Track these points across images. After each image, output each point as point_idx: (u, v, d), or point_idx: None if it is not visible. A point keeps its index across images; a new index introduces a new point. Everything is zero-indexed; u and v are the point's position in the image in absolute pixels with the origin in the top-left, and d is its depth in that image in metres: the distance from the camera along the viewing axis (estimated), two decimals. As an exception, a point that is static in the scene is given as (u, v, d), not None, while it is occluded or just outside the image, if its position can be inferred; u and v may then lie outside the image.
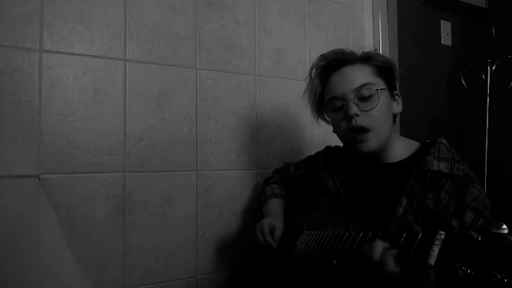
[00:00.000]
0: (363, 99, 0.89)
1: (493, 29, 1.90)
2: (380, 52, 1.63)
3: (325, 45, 1.56)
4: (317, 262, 0.88)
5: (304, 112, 1.51)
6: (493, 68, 1.81)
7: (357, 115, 0.88)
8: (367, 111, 0.88)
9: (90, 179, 1.15)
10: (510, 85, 1.79)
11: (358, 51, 0.96)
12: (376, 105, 0.88)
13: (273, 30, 1.47)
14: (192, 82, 1.31)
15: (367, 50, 0.97)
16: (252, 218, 1.35)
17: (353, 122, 0.88)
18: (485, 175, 1.78)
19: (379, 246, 0.67)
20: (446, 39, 1.88)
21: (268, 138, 1.44)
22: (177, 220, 1.27)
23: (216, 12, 1.35)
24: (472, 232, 0.51)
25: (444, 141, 0.90)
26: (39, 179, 1.07)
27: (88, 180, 1.14)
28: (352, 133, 0.89)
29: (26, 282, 0.45)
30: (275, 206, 1.18)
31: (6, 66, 1.05)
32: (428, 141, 0.93)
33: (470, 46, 1.95)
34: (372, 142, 0.88)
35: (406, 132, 0.99)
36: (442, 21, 1.87)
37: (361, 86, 0.89)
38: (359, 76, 0.90)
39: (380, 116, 0.88)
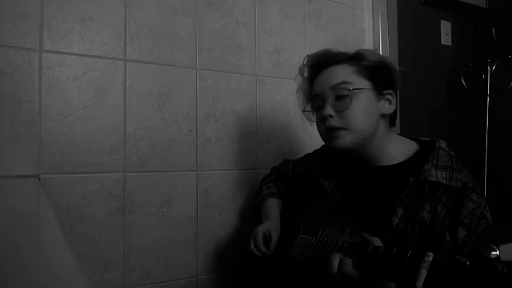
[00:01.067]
0: (338, 98, 0.88)
1: (493, 29, 1.90)
2: (380, 52, 1.63)
3: (325, 45, 1.53)
4: (315, 266, 0.87)
5: (304, 112, 1.51)
6: (493, 68, 1.81)
7: (330, 116, 0.88)
8: (341, 111, 0.87)
9: (90, 179, 1.15)
10: (510, 85, 1.79)
11: (358, 49, 0.95)
12: (349, 106, 0.86)
13: (273, 30, 1.47)
14: (192, 82, 1.31)
15: (362, 48, 0.95)
16: (252, 218, 1.35)
17: (327, 123, 0.88)
18: (485, 175, 1.78)
19: (336, 256, 0.71)
20: (446, 39, 1.88)
21: (268, 138, 1.44)
22: (177, 220, 1.27)
23: (216, 12, 1.35)
24: (460, 257, 0.51)
25: (443, 145, 0.86)
26: (39, 179, 1.07)
27: (88, 180, 1.14)
28: (326, 132, 0.90)
29: (26, 282, 0.45)
30: (272, 207, 1.17)
31: (6, 66, 1.05)
32: (427, 139, 0.90)
33: (470, 46, 1.95)
34: (344, 140, 0.87)
35: (405, 132, 0.99)
36: (442, 21, 1.87)
37: (336, 85, 0.88)
38: (337, 75, 0.90)
39: (356, 116, 0.87)
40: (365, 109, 0.88)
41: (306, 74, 1.00)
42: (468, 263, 0.50)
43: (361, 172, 0.94)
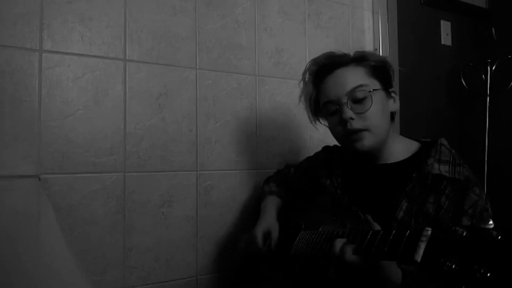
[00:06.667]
0: (357, 101, 0.88)
1: (493, 29, 1.90)
2: (380, 52, 1.63)
3: (325, 45, 1.56)
4: (315, 263, 0.87)
5: (304, 112, 1.50)
6: (493, 68, 1.81)
7: (351, 118, 0.88)
8: (362, 113, 0.88)
9: (90, 179, 1.14)
10: (510, 85, 1.79)
11: (356, 50, 0.96)
12: (370, 107, 0.87)
13: (273, 30, 1.46)
14: (192, 82, 1.31)
15: (360, 49, 0.96)
16: (252, 218, 1.35)
17: (349, 125, 0.88)
18: (485, 175, 1.78)
19: (338, 242, 0.70)
20: (446, 39, 1.88)
21: (268, 138, 1.44)
22: (177, 220, 1.27)
23: (216, 12, 1.35)
24: (457, 228, 0.50)
25: (445, 142, 0.89)
26: (39, 179, 1.07)
27: (88, 180, 1.14)
28: (348, 135, 0.90)
29: (26, 281, 0.45)
30: (270, 204, 1.18)
31: (6, 66, 1.05)
32: (428, 140, 0.92)
33: (470, 46, 1.95)
34: (368, 141, 0.88)
35: (406, 132, 0.99)
36: (442, 21, 1.87)
37: (354, 89, 0.88)
38: (351, 78, 0.90)
39: (375, 117, 0.88)
40: (381, 109, 0.90)
41: (310, 79, 0.99)
42: (465, 233, 0.49)
43: (365, 170, 0.95)
